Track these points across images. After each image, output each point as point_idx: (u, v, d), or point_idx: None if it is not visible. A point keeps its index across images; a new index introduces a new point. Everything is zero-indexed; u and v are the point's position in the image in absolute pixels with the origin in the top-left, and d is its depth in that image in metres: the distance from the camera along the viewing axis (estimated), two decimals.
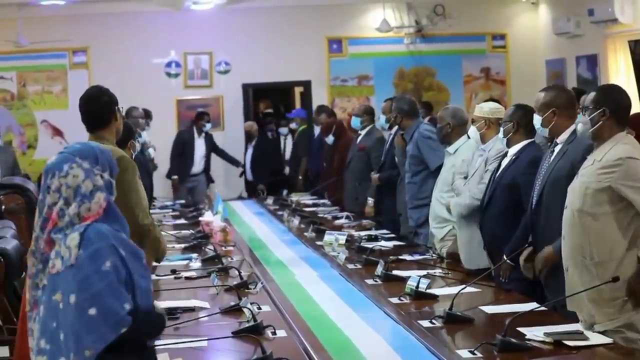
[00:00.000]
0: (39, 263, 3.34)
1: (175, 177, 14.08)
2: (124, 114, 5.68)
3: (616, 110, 4.88)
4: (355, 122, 10.63)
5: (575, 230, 4.85)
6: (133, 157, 6.31)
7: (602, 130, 4.86)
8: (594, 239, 4.78)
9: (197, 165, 14.21)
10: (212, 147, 14.35)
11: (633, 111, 10.35)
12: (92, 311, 3.19)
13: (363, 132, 10.40)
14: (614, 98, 4.94)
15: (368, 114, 10.58)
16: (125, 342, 3.24)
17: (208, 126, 14.19)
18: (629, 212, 4.75)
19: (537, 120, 5.59)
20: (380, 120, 9.92)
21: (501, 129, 6.21)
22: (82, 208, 3.31)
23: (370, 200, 9.78)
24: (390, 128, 9.50)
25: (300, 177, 13.75)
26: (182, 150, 14.14)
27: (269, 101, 15.76)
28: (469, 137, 6.96)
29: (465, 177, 6.68)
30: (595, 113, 4.86)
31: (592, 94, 4.99)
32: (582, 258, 4.81)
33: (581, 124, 4.96)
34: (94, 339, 3.18)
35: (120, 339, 3.22)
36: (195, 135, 14.18)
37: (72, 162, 3.35)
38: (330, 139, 11.42)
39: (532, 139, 6.13)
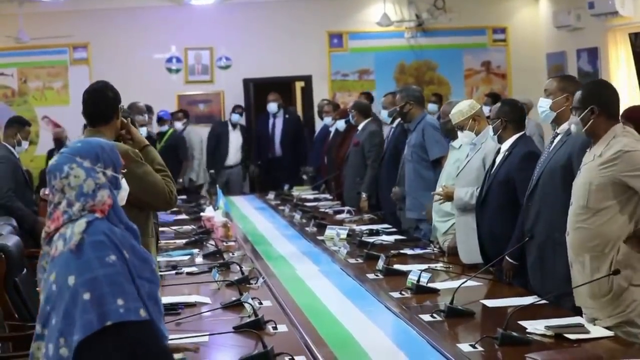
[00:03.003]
0: (46, 246, 3.35)
1: (212, 170, 14.23)
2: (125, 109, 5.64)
3: (604, 105, 4.88)
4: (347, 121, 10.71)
5: (581, 227, 4.85)
6: None
7: (596, 128, 4.86)
8: (599, 233, 4.78)
9: (233, 158, 14.34)
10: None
11: (634, 104, 10.37)
12: (86, 296, 3.18)
13: (360, 128, 10.44)
14: (600, 94, 4.94)
15: (356, 109, 10.61)
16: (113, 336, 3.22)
17: (236, 117, 14.39)
18: (631, 204, 4.76)
19: (543, 102, 5.57)
20: (382, 114, 9.91)
21: (490, 126, 6.23)
22: (87, 206, 3.30)
23: (364, 195, 9.80)
24: (392, 122, 9.52)
25: (180, 181, 13.59)
26: (215, 144, 14.29)
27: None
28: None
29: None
30: (585, 112, 4.86)
31: (578, 94, 4.97)
32: (587, 254, 4.81)
33: (574, 124, 4.96)
34: (82, 324, 3.16)
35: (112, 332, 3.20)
36: (230, 128, 14.28)
37: (72, 162, 3.34)
38: (341, 125, 11.36)
39: (523, 132, 6.15)
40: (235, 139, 14.42)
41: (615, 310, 4.72)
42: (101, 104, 5.04)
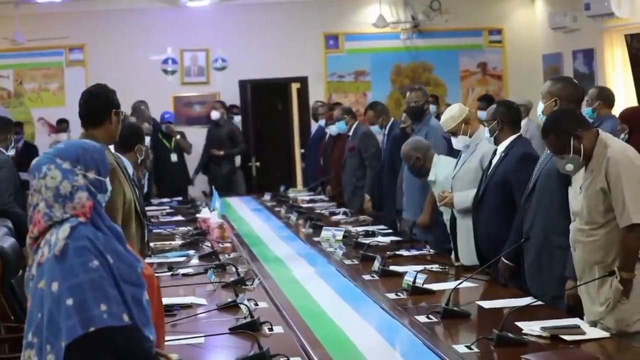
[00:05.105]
0: (34, 254, 3.32)
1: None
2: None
3: (580, 125, 4.87)
4: (342, 126, 10.68)
5: (587, 240, 4.82)
6: (138, 161, 6.33)
7: (587, 150, 4.82)
8: (607, 243, 4.77)
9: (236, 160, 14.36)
10: None
11: (629, 105, 10.37)
12: (69, 302, 3.15)
13: (350, 132, 10.44)
14: (570, 118, 4.93)
15: (348, 113, 10.68)
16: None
17: (237, 118, 14.39)
18: None
19: (539, 106, 5.59)
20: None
21: (482, 127, 6.22)
22: (67, 208, 3.27)
23: (367, 197, 9.81)
24: (381, 128, 9.62)
25: None
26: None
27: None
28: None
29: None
30: (573, 145, 4.81)
31: (552, 138, 4.89)
32: (597, 265, 4.78)
33: (568, 166, 4.87)
34: (66, 330, 3.14)
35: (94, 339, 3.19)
36: None
37: (51, 162, 3.31)
38: (334, 130, 11.35)
39: (519, 133, 6.14)
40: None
41: (615, 313, 4.71)
42: (93, 106, 5.02)
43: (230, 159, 14.20)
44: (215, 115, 14.09)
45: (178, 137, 13.52)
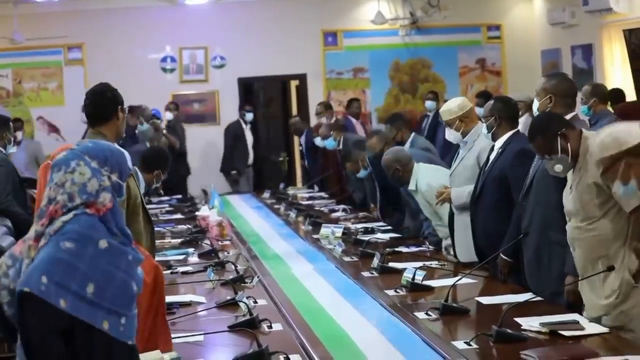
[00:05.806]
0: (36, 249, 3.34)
1: (235, 171, 14.17)
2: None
3: (565, 125, 4.87)
4: (330, 143, 10.66)
5: (586, 237, 4.81)
6: (153, 186, 6.38)
7: (573, 149, 4.82)
8: (607, 237, 4.75)
9: (250, 157, 14.37)
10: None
11: (628, 100, 10.33)
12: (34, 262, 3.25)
13: (341, 146, 10.43)
14: (555, 119, 4.93)
15: (334, 128, 10.68)
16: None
17: (249, 116, 14.32)
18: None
19: (535, 105, 5.59)
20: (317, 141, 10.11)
21: (484, 124, 6.21)
22: (88, 203, 3.29)
23: (372, 205, 9.80)
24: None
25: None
26: (233, 143, 14.24)
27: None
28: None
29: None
30: (560, 145, 4.81)
31: (539, 140, 4.90)
32: (600, 260, 4.78)
33: (557, 166, 4.86)
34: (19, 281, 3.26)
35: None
36: (244, 126, 14.25)
37: (80, 159, 3.33)
38: (320, 142, 11.32)
39: (517, 129, 6.14)
40: (249, 138, 14.40)
41: (616, 308, 4.70)
42: (99, 105, 5.08)
43: (180, 158, 14.17)
44: (169, 115, 14.09)
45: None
